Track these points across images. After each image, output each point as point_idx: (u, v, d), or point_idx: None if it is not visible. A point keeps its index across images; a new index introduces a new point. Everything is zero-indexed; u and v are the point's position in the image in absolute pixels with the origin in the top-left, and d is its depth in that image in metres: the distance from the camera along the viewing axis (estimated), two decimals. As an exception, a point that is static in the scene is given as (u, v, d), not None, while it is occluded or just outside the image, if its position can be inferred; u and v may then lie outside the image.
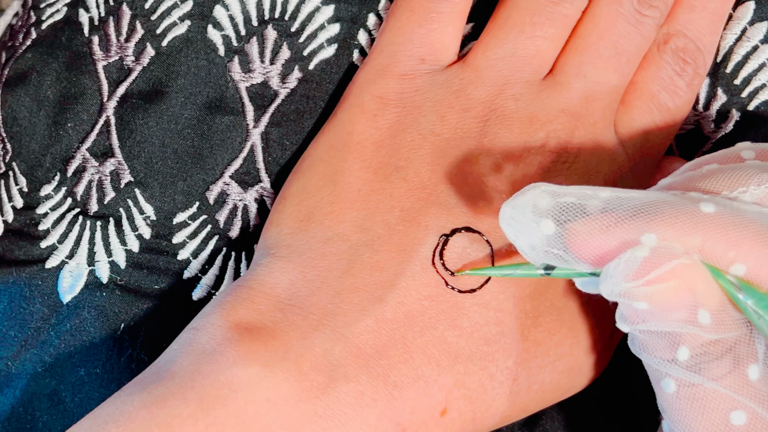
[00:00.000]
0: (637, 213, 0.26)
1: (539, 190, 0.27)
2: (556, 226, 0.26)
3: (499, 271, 0.30)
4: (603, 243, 0.26)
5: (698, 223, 0.25)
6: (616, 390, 0.36)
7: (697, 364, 0.26)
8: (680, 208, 0.26)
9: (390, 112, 0.33)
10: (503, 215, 0.27)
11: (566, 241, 0.26)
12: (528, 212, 0.27)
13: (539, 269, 0.28)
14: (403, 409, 0.30)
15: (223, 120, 0.37)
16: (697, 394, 0.26)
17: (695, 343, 0.25)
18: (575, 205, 0.26)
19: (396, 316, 0.30)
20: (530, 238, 0.27)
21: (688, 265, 0.25)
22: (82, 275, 0.37)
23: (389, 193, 0.32)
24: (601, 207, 0.26)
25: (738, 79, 0.37)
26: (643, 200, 0.26)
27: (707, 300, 0.25)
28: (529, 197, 0.27)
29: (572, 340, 0.33)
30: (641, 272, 0.25)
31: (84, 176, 0.38)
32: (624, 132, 0.35)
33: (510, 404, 0.32)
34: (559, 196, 0.27)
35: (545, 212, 0.26)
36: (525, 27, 0.34)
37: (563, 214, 0.26)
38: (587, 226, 0.26)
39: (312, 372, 0.29)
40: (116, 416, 0.28)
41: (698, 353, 0.25)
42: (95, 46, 0.38)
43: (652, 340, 0.26)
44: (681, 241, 0.25)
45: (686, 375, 0.26)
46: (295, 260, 0.32)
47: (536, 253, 0.27)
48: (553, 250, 0.27)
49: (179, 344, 0.31)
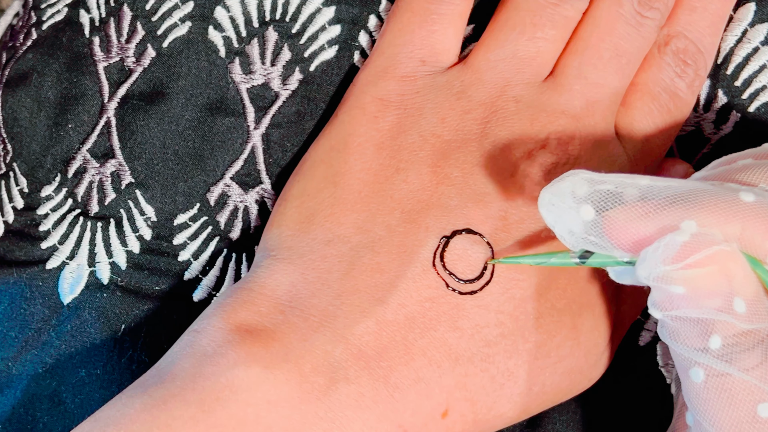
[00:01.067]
0: (677, 200, 0.26)
1: (578, 177, 0.27)
2: (595, 212, 0.26)
3: (533, 260, 0.30)
4: (642, 229, 0.26)
5: (738, 211, 0.25)
6: (616, 391, 0.36)
7: (728, 353, 0.25)
8: (720, 197, 0.26)
9: (391, 113, 0.33)
10: (543, 200, 0.27)
11: (604, 227, 0.26)
12: (567, 198, 0.27)
13: (574, 257, 0.28)
14: (404, 410, 0.30)
15: (223, 121, 0.37)
16: (725, 384, 0.26)
17: (728, 332, 0.25)
18: (613, 192, 0.26)
19: (397, 317, 0.30)
20: (569, 223, 0.27)
21: (727, 252, 0.25)
22: (82, 276, 0.37)
23: (390, 194, 0.32)
24: (639, 195, 0.26)
25: (739, 80, 0.37)
26: (682, 188, 0.26)
27: (744, 289, 0.25)
28: (568, 183, 0.27)
29: (573, 341, 0.33)
30: (680, 256, 0.25)
31: (85, 177, 0.38)
32: (625, 133, 0.35)
33: (511, 406, 0.32)
34: (597, 184, 0.27)
35: (584, 199, 0.27)
36: (525, 28, 0.34)
37: (602, 201, 0.26)
38: (625, 213, 0.26)
39: (313, 374, 0.29)
40: (117, 418, 0.28)
41: (730, 343, 0.25)
42: (96, 46, 0.38)
43: (683, 328, 0.26)
44: (720, 229, 0.25)
45: (717, 364, 0.26)
46: (295, 262, 0.32)
47: (575, 239, 0.27)
48: (592, 237, 0.27)
49: (180, 346, 0.31)
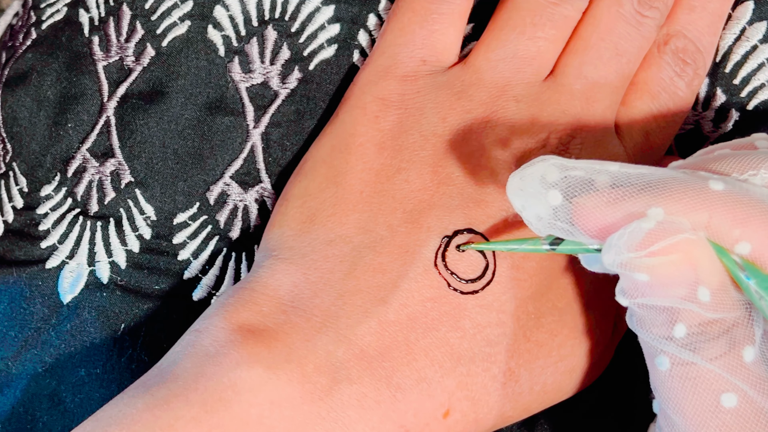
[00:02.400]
0: (646, 187, 0.26)
1: (548, 163, 0.27)
2: (564, 198, 0.26)
3: (505, 246, 0.30)
4: (609, 215, 0.26)
5: (706, 199, 0.25)
6: (616, 390, 0.36)
7: (693, 342, 0.25)
8: (689, 184, 0.26)
9: (391, 113, 0.33)
10: (511, 185, 0.27)
11: (572, 213, 0.26)
12: (536, 183, 0.27)
13: (545, 244, 0.28)
14: (406, 411, 0.30)
15: (223, 120, 0.37)
16: (690, 373, 0.26)
17: (693, 321, 0.25)
18: (583, 179, 0.26)
19: (399, 318, 0.30)
20: (537, 208, 0.27)
21: (692, 241, 0.25)
22: (82, 275, 0.37)
23: (391, 194, 0.32)
24: (610, 182, 0.26)
25: (737, 78, 0.37)
26: (652, 176, 0.26)
27: (709, 278, 0.25)
28: (537, 168, 0.27)
29: (574, 340, 0.33)
30: (645, 243, 0.25)
31: (84, 176, 0.38)
32: (625, 132, 0.35)
33: (512, 405, 0.32)
34: (567, 170, 0.26)
35: (553, 184, 0.26)
36: (526, 28, 0.34)
37: (571, 187, 0.26)
38: (594, 200, 0.26)
39: (315, 374, 0.29)
40: (119, 418, 0.28)
41: (695, 332, 0.25)
42: (95, 46, 0.38)
43: (649, 315, 0.26)
44: (688, 217, 0.25)
45: (681, 353, 0.26)
46: (297, 262, 0.32)
47: (542, 224, 0.27)
48: (559, 222, 0.27)
49: (182, 346, 0.31)
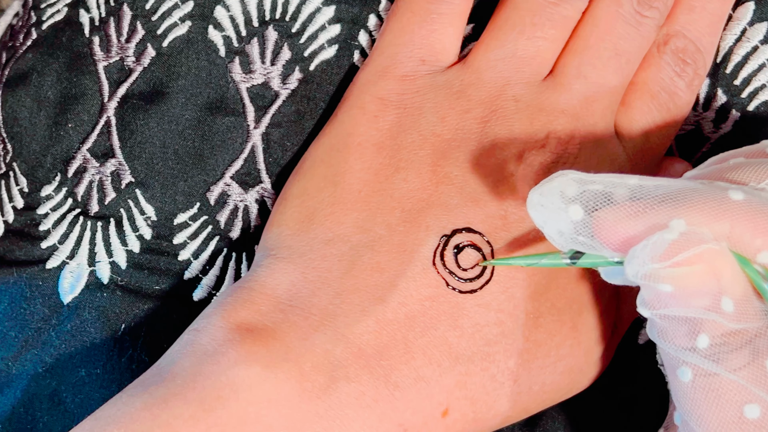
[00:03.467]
0: (666, 199, 0.26)
1: (567, 178, 0.27)
2: (584, 212, 0.26)
3: (525, 261, 0.30)
4: (631, 228, 0.26)
5: (727, 209, 0.25)
6: (616, 390, 0.36)
7: (716, 353, 0.25)
8: (709, 195, 0.26)
9: (390, 113, 0.33)
10: (531, 201, 0.27)
11: (593, 227, 0.26)
12: (556, 198, 0.27)
13: (565, 258, 0.28)
14: (404, 409, 0.30)
15: (223, 121, 0.37)
16: (712, 384, 0.25)
17: (716, 332, 0.25)
18: (602, 192, 0.26)
19: (397, 316, 0.30)
20: (558, 224, 0.27)
21: (716, 251, 0.25)
22: (82, 276, 0.37)
23: (390, 194, 0.32)
24: (629, 195, 0.26)
25: (738, 79, 0.37)
26: (672, 187, 0.26)
27: (732, 288, 0.25)
28: (556, 184, 0.27)
29: (573, 340, 0.33)
30: (668, 254, 0.25)
31: (85, 177, 0.38)
32: (624, 132, 0.35)
33: (511, 405, 0.32)
34: (586, 184, 0.27)
35: (573, 199, 0.26)
36: (525, 28, 0.34)
37: (590, 201, 0.26)
38: (614, 213, 0.26)
39: (313, 372, 0.29)
40: (118, 417, 0.28)
41: (718, 342, 0.25)
42: (96, 46, 0.38)
43: (671, 327, 0.26)
44: (710, 227, 0.25)
45: (704, 363, 0.25)
46: (295, 261, 0.32)
47: (564, 239, 0.27)
48: (581, 237, 0.27)
49: (180, 345, 0.31)
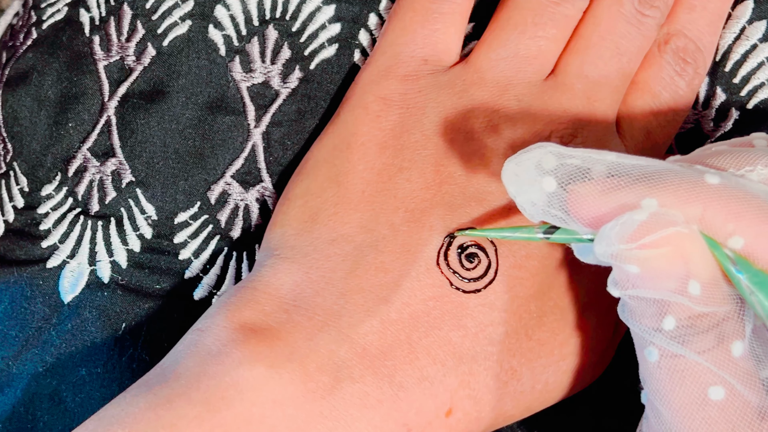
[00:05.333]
0: (641, 178, 0.26)
1: (545, 150, 0.27)
2: (558, 185, 0.26)
3: (498, 233, 0.30)
4: (603, 205, 0.26)
5: (701, 192, 0.25)
6: (618, 388, 0.36)
7: (682, 335, 0.25)
8: (684, 177, 0.26)
9: (393, 113, 0.34)
10: (506, 170, 0.27)
11: (567, 201, 0.26)
12: (531, 169, 0.26)
13: (539, 232, 0.28)
14: (408, 409, 0.30)
15: (224, 120, 0.37)
16: (678, 365, 0.26)
17: (683, 314, 0.25)
18: (580, 167, 0.26)
19: (401, 316, 0.30)
20: (531, 194, 0.27)
21: (684, 234, 0.25)
22: (83, 275, 0.37)
23: (393, 194, 0.32)
24: (606, 171, 0.26)
25: (737, 77, 0.37)
26: (648, 167, 0.26)
27: (700, 271, 0.25)
28: (534, 155, 0.27)
29: (576, 339, 0.33)
30: (636, 235, 0.25)
31: (85, 176, 0.38)
32: (625, 131, 0.35)
33: (514, 404, 0.32)
34: (564, 157, 0.26)
35: (549, 171, 0.26)
36: (527, 27, 0.34)
37: (567, 175, 0.26)
38: (589, 188, 0.26)
39: (317, 373, 0.29)
40: (122, 417, 0.28)
41: (684, 325, 0.25)
42: (96, 45, 0.38)
43: (640, 307, 0.26)
44: (682, 209, 0.25)
45: (670, 345, 0.26)
46: (299, 261, 0.32)
47: (536, 210, 0.27)
48: (553, 210, 0.26)
49: (184, 345, 0.31)
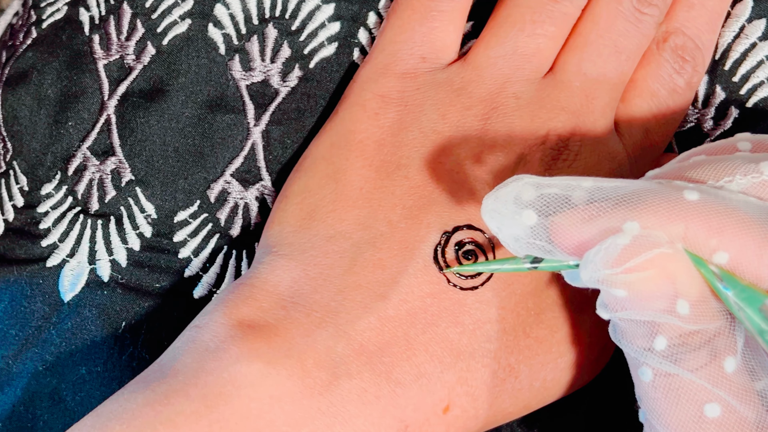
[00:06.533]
0: (621, 202, 0.26)
1: (522, 182, 0.27)
2: (539, 216, 0.26)
3: (487, 266, 0.30)
4: (585, 232, 0.26)
5: (681, 210, 0.25)
6: (617, 387, 0.36)
7: (674, 354, 0.25)
8: (664, 196, 0.25)
9: (391, 110, 0.34)
10: (485, 207, 0.27)
11: (550, 231, 0.26)
12: (510, 203, 0.26)
13: (526, 263, 0.28)
14: (406, 406, 0.30)
15: (223, 118, 0.37)
16: (672, 384, 0.26)
17: (673, 333, 0.25)
18: (559, 196, 0.26)
19: (398, 313, 0.30)
20: (513, 229, 0.27)
21: (669, 255, 0.25)
22: (83, 274, 0.37)
23: (391, 191, 0.32)
24: (586, 197, 0.26)
25: (736, 76, 0.37)
26: (627, 189, 0.26)
27: (687, 290, 0.25)
28: (511, 189, 0.26)
29: (574, 337, 0.33)
30: (621, 260, 0.25)
31: (85, 175, 0.38)
32: (624, 129, 0.35)
33: (512, 401, 0.32)
34: (542, 188, 0.26)
35: (528, 204, 0.26)
36: (525, 25, 0.34)
37: (547, 205, 0.26)
38: (570, 217, 0.26)
39: (315, 369, 0.29)
40: (120, 413, 0.28)
41: (676, 343, 0.25)
42: (96, 44, 0.38)
43: (631, 328, 0.26)
44: (664, 229, 0.25)
45: (663, 364, 0.26)
46: (297, 258, 0.32)
47: (519, 244, 0.27)
48: (537, 241, 0.26)
49: (182, 342, 0.31)
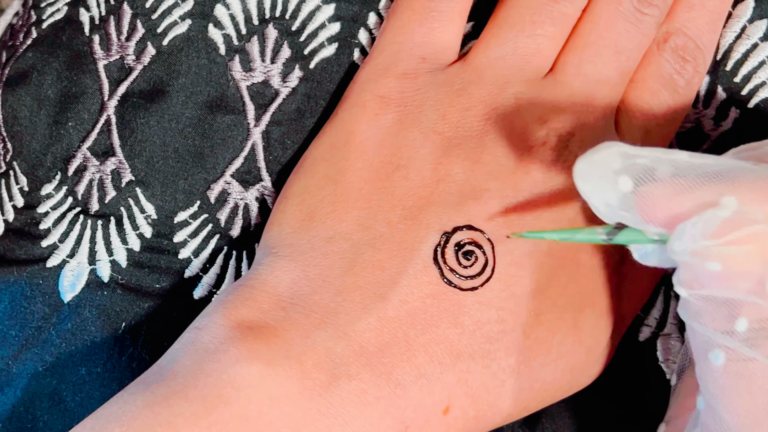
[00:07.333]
0: (717, 176, 0.25)
1: (612, 150, 0.26)
2: (633, 184, 0.26)
3: (558, 235, 0.29)
4: (679, 204, 0.25)
5: None
6: (616, 387, 0.36)
7: (753, 338, 0.25)
8: (761, 175, 0.25)
9: (391, 111, 0.34)
10: (578, 171, 0.26)
11: (636, 202, 0.26)
12: (606, 169, 0.26)
13: (601, 234, 0.28)
14: (405, 407, 0.30)
15: (224, 119, 0.37)
16: (747, 370, 0.25)
17: (756, 316, 0.25)
18: (647, 167, 0.26)
19: (398, 314, 0.30)
20: (606, 195, 0.26)
21: (767, 233, 0.24)
22: (83, 274, 0.37)
23: (391, 191, 0.32)
24: (673, 171, 0.25)
25: (738, 76, 0.37)
26: (722, 165, 0.25)
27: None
28: (604, 155, 0.26)
29: (574, 338, 0.33)
30: (721, 232, 0.24)
31: (85, 175, 0.38)
32: (624, 130, 0.35)
33: (512, 402, 0.32)
34: (631, 158, 0.26)
35: (621, 171, 0.26)
36: (525, 26, 0.34)
37: (635, 175, 0.26)
38: (661, 188, 0.25)
39: (314, 370, 0.29)
40: (119, 415, 0.28)
41: (756, 327, 0.25)
42: (96, 45, 0.38)
43: (709, 308, 0.25)
44: (762, 208, 0.25)
45: (741, 347, 0.25)
46: (297, 259, 0.32)
47: (611, 210, 0.26)
48: (622, 212, 0.26)
49: (182, 343, 0.31)
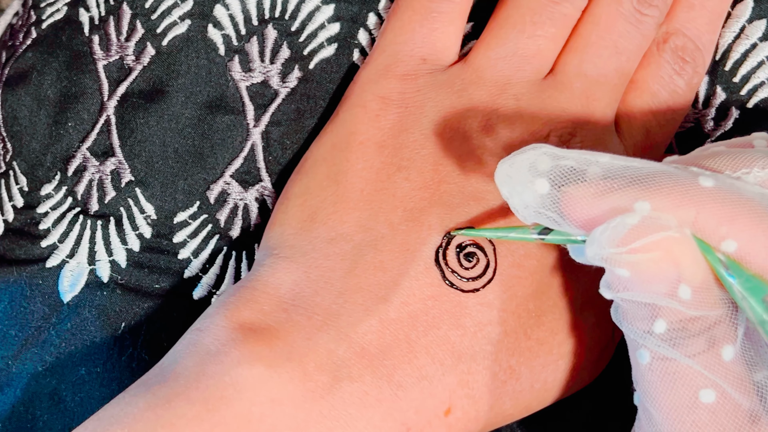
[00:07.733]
0: (635, 180, 0.26)
1: (540, 151, 0.27)
2: (551, 187, 0.26)
3: (493, 233, 0.30)
4: (595, 207, 0.26)
5: (694, 195, 0.25)
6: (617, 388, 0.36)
7: (673, 338, 0.26)
8: (678, 180, 0.25)
9: (392, 112, 0.34)
10: (499, 172, 0.27)
11: (561, 203, 0.26)
12: (524, 171, 0.26)
13: (533, 233, 0.28)
14: (407, 408, 0.30)
15: (223, 119, 0.37)
16: (669, 368, 0.26)
17: (674, 317, 0.25)
18: (575, 169, 0.26)
19: (400, 316, 0.30)
20: (524, 196, 0.27)
21: (675, 239, 0.25)
22: (82, 274, 0.37)
23: (392, 193, 0.32)
24: (601, 173, 0.26)
25: (737, 76, 0.37)
26: (643, 169, 0.26)
27: (691, 275, 0.25)
28: (528, 156, 0.27)
29: (575, 339, 0.33)
30: (627, 240, 0.25)
31: (84, 175, 0.38)
32: (625, 130, 0.35)
33: (513, 403, 0.32)
34: (558, 159, 0.26)
35: (543, 173, 0.26)
36: (526, 26, 0.34)
37: (561, 176, 0.26)
38: (582, 190, 0.26)
39: (316, 372, 0.29)
40: (121, 417, 0.28)
41: (676, 328, 0.25)
42: (95, 45, 0.38)
43: (632, 310, 0.26)
44: (675, 212, 0.25)
45: (661, 348, 0.26)
46: (298, 260, 0.32)
47: (528, 212, 0.27)
48: (547, 211, 0.26)
49: (183, 345, 0.31)
